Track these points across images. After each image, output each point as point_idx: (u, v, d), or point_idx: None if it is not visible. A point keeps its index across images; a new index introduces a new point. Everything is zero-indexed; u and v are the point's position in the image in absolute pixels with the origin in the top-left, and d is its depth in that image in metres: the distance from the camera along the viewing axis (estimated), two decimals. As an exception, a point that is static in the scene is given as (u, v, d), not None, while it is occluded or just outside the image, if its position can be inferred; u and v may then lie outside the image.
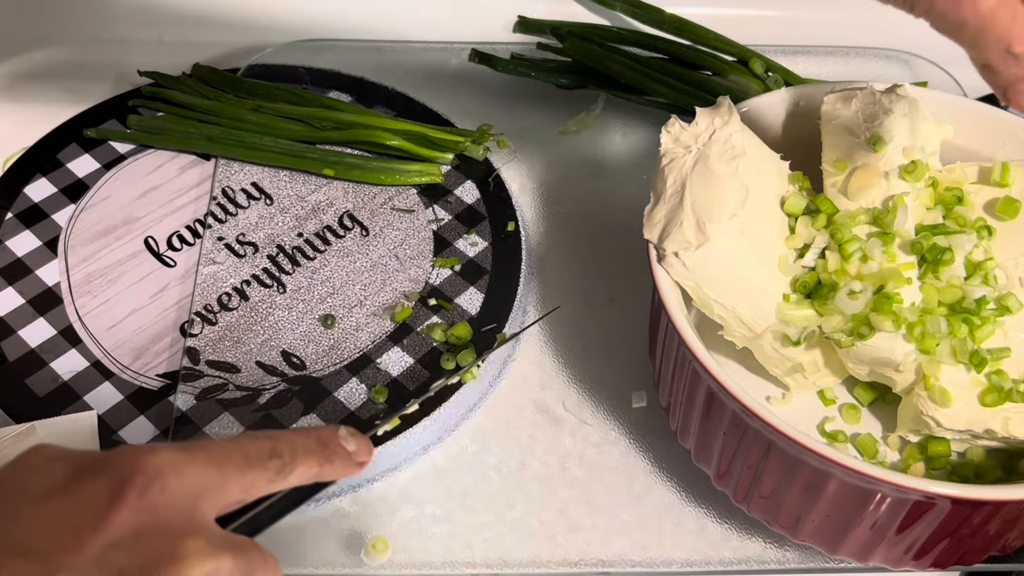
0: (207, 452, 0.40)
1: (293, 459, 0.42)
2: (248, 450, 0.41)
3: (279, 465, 0.42)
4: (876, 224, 0.56)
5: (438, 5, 0.88)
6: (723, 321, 0.54)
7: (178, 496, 0.38)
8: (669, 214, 0.55)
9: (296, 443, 0.43)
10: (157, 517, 0.38)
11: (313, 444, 0.43)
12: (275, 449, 0.42)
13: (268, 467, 0.41)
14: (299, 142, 0.74)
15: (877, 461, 0.56)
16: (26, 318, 0.66)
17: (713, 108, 0.58)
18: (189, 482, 0.39)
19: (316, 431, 0.44)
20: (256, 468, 0.41)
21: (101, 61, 0.83)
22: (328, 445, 0.44)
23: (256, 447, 0.41)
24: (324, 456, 0.44)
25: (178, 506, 0.38)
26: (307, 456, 0.43)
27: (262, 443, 0.42)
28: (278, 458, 0.42)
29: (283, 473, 0.42)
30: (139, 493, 0.37)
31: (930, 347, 0.53)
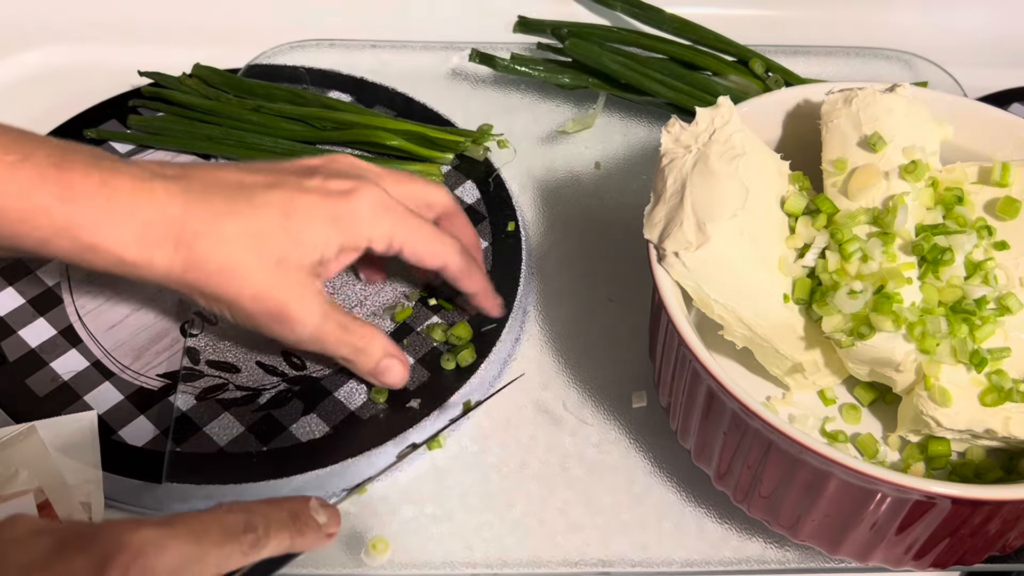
0: (187, 527, 0.42)
1: (267, 532, 0.45)
2: (225, 523, 0.43)
3: (254, 539, 0.44)
4: (876, 224, 0.56)
5: (438, 5, 0.88)
6: (723, 321, 0.55)
7: (158, 573, 0.40)
8: (669, 214, 0.55)
9: (270, 516, 0.45)
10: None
11: (286, 517, 0.46)
12: (250, 522, 0.44)
13: (243, 541, 0.44)
14: (299, 142, 0.74)
15: (877, 461, 0.56)
16: (26, 318, 0.66)
17: (713, 108, 0.58)
18: (169, 558, 0.41)
19: (288, 502, 0.47)
20: (232, 542, 0.43)
21: (101, 61, 0.83)
22: (300, 517, 0.47)
23: (232, 520, 0.44)
24: (296, 529, 0.46)
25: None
26: (280, 529, 0.46)
27: (237, 516, 0.44)
28: (253, 531, 0.44)
29: (257, 546, 0.44)
30: (121, 571, 0.39)
31: (930, 347, 0.53)
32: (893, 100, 0.59)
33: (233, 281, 0.54)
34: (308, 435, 0.60)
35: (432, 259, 0.60)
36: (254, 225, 0.54)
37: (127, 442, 0.60)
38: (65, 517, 0.55)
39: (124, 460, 0.59)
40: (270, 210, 0.55)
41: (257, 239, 0.54)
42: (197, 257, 0.53)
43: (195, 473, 0.58)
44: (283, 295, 0.55)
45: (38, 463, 0.57)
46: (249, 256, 0.54)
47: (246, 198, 0.55)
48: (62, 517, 0.55)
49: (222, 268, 0.53)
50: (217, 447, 0.59)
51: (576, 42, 0.80)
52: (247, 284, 0.54)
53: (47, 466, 0.57)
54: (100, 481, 0.58)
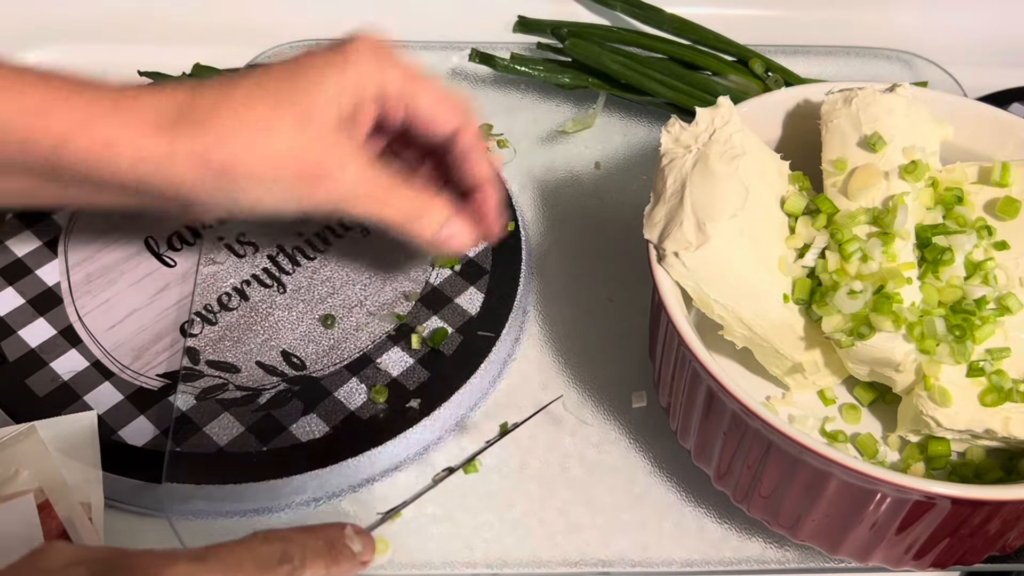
0: (221, 561, 0.41)
1: (303, 563, 0.43)
2: (259, 555, 0.42)
3: (289, 570, 0.43)
4: (876, 224, 0.56)
5: (438, 5, 0.88)
6: (723, 321, 0.55)
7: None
8: (669, 214, 0.55)
9: (306, 545, 0.44)
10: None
11: (322, 546, 0.45)
12: (286, 553, 0.43)
13: (279, 572, 0.42)
14: (299, 142, 0.74)
15: (877, 461, 0.56)
16: (26, 318, 0.66)
17: (713, 108, 0.58)
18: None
19: (324, 531, 0.46)
20: (267, 574, 0.42)
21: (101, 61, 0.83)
22: (335, 546, 0.46)
23: (267, 551, 0.43)
24: (332, 558, 0.45)
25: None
26: (316, 558, 0.44)
27: (273, 547, 0.43)
28: (288, 563, 0.43)
29: (294, 573, 0.43)
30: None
31: (930, 347, 0.53)
32: (893, 100, 0.59)
33: (257, 147, 0.51)
34: (308, 435, 0.60)
35: (445, 116, 0.55)
36: (266, 89, 0.52)
37: (127, 442, 0.60)
38: (65, 517, 0.55)
39: (124, 460, 0.59)
40: (276, 73, 0.53)
41: (273, 100, 0.51)
42: (218, 131, 0.50)
43: (195, 473, 0.58)
44: (312, 152, 0.52)
45: (38, 463, 0.57)
46: (268, 117, 0.51)
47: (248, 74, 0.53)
48: (62, 517, 0.55)
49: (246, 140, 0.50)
50: (217, 447, 0.59)
51: (576, 42, 0.80)
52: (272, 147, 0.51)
53: (47, 466, 0.57)
54: (100, 481, 0.58)
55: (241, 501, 0.58)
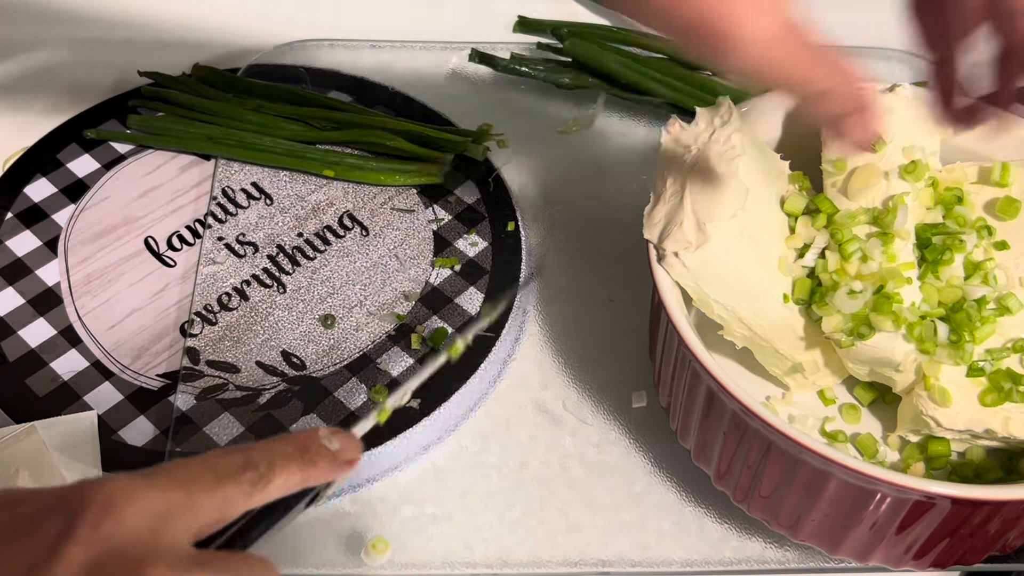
0: (169, 475, 0.38)
1: (270, 468, 0.40)
2: (217, 467, 0.39)
3: (255, 477, 0.40)
4: (876, 224, 0.56)
5: (438, 5, 0.88)
6: (723, 321, 0.54)
7: (135, 524, 0.36)
8: (669, 214, 0.55)
9: (273, 451, 0.41)
10: (113, 548, 0.36)
11: (292, 450, 0.41)
12: (248, 461, 0.40)
13: (242, 480, 0.39)
14: (299, 142, 0.74)
15: (877, 461, 0.56)
16: (26, 318, 0.66)
17: (713, 108, 0.58)
18: (149, 507, 0.37)
19: (295, 436, 0.42)
20: (228, 484, 0.39)
21: (101, 61, 0.83)
22: (309, 449, 0.42)
23: (226, 463, 0.39)
24: (305, 460, 0.41)
25: (136, 534, 0.36)
26: (286, 463, 0.41)
27: (233, 457, 0.40)
28: (252, 469, 0.40)
29: (260, 485, 0.40)
30: (91, 526, 0.36)
31: (930, 347, 0.53)
32: (893, 100, 0.59)
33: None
34: (308, 435, 0.59)
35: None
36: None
37: (127, 442, 0.60)
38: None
39: (124, 460, 0.59)
40: None
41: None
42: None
43: (195, 473, 0.58)
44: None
45: (38, 463, 0.57)
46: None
47: None
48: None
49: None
50: (217, 447, 0.59)
51: (576, 42, 0.80)
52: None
53: (47, 466, 0.57)
54: (100, 481, 0.58)
55: (241, 501, 0.58)
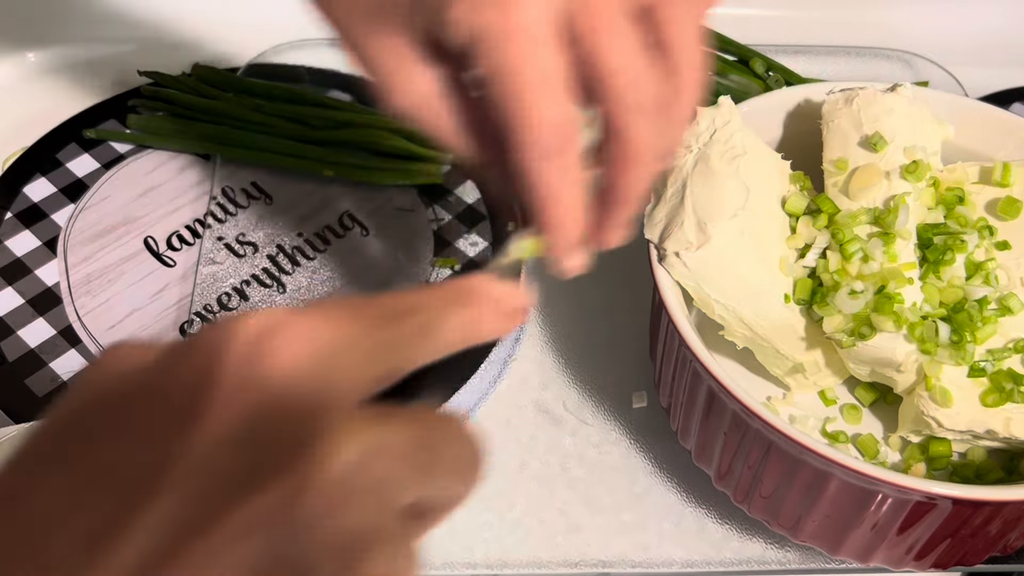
0: (328, 307, 0.28)
1: (438, 314, 0.30)
2: (380, 304, 0.29)
3: (422, 320, 0.30)
4: (877, 224, 0.56)
5: (438, 5, 0.88)
6: (724, 321, 0.54)
7: (300, 359, 0.26)
8: (670, 214, 0.54)
9: (433, 295, 0.31)
10: (272, 391, 0.26)
11: (452, 294, 0.32)
12: (412, 303, 0.30)
13: (408, 323, 0.30)
14: (299, 142, 0.74)
15: (878, 462, 0.56)
16: (25, 318, 0.66)
17: (714, 108, 0.58)
18: (315, 337, 0.27)
19: (453, 283, 0.32)
20: (394, 324, 0.29)
21: (101, 61, 0.83)
22: (470, 293, 0.32)
23: (388, 302, 0.30)
24: (469, 306, 0.32)
25: (302, 371, 0.26)
26: (449, 307, 0.31)
27: (394, 298, 0.30)
28: (419, 312, 0.30)
29: (428, 332, 0.30)
30: (240, 363, 0.26)
31: (931, 348, 0.53)
32: (894, 100, 0.59)
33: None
34: (308, 435, 0.59)
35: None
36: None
37: (127, 442, 0.60)
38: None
39: (124, 460, 0.59)
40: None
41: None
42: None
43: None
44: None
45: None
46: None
47: None
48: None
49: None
50: (217, 447, 0.59)
51: (576, 42, 0.79)
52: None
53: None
54: (99, 481, 0.57)
55: (241, 501, 0.58)
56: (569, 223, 0.41)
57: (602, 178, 0.42)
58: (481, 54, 0.37)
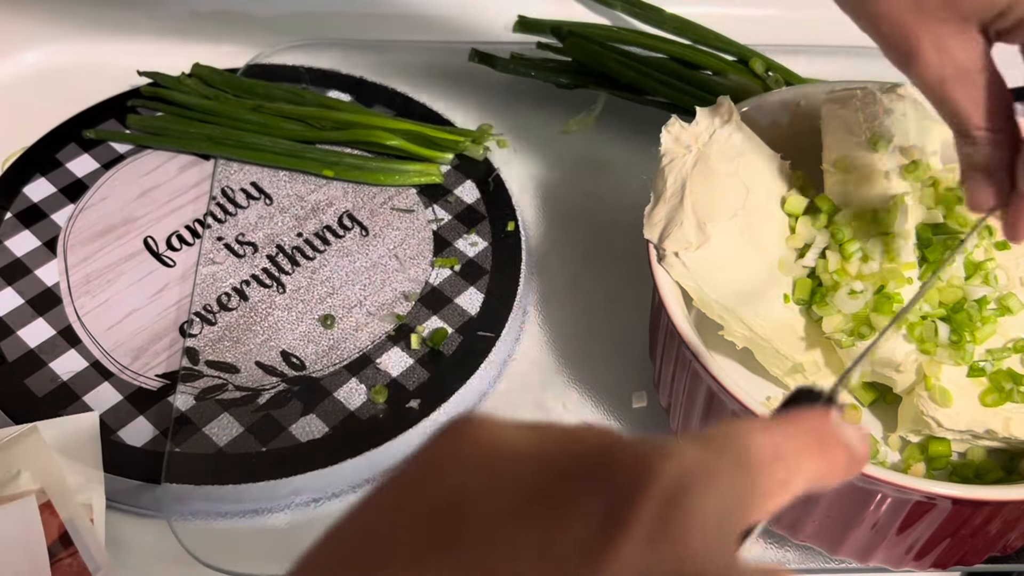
0: (731, 449, 0.28)
1: (798, 461, 0.30)
2: (756, 445, 0.29)
3: (784, 471, 0.29)
4: (877, 224, 0.56)
5: (438, 5, 0.88)
6: (723, 321, 0.54)
7: (712, 521, 0.26)
8: (669, 214, 0.55)
9: (794, 438, 0.30)
10: (680, 556, 0.25)
11: (810, 442, 0.31)
12: (778, 448, 0.29)
13: (775, 473, 0.29)
14: (299, 142, 0.74)
15: (878, 461, 0.56)
16: (25, 318, 0.66)
17: (713, 108, 0.58)
18: (722, 496, 0.26)
19: (807, 421, 0.31)
20: (766, 474, 0.28)
21: (101, 61, 0.83)
22: (824, 440, 0.31)
23: (757, 447, 0.29)
24: (823, 456, 0.31)
25: (707, 536, 0.25)
26: (807, 458, 0.30)
27: (761, 441, 0.29)
28: (783, 460, 0.29)
29: (788, 484, 0.29)
30: (652, 518, 0.25)
31: (931, 348, 0.53)
32: (893, 100, 0.59)
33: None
34: (308, 435, 0.59)
35: None
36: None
37: (126, 442, 0.60)
38: (67, 519, 0.55)
39: (123, 460, 0.59)
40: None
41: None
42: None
43: (194, 474, 0.58)
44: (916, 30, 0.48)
45: (39, 464, 0.57)
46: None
47: None
48: (64, 518, 0.55)
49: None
50: (216, 447, 0.59)
51: (576, 42, 0.80)
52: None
53: (48, 467, 0.57)
54: (102, 482, 0.57)
55: (240, 502, 0.58)
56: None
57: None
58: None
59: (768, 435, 0.29)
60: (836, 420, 0.32)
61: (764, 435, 0.29)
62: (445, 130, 0.74)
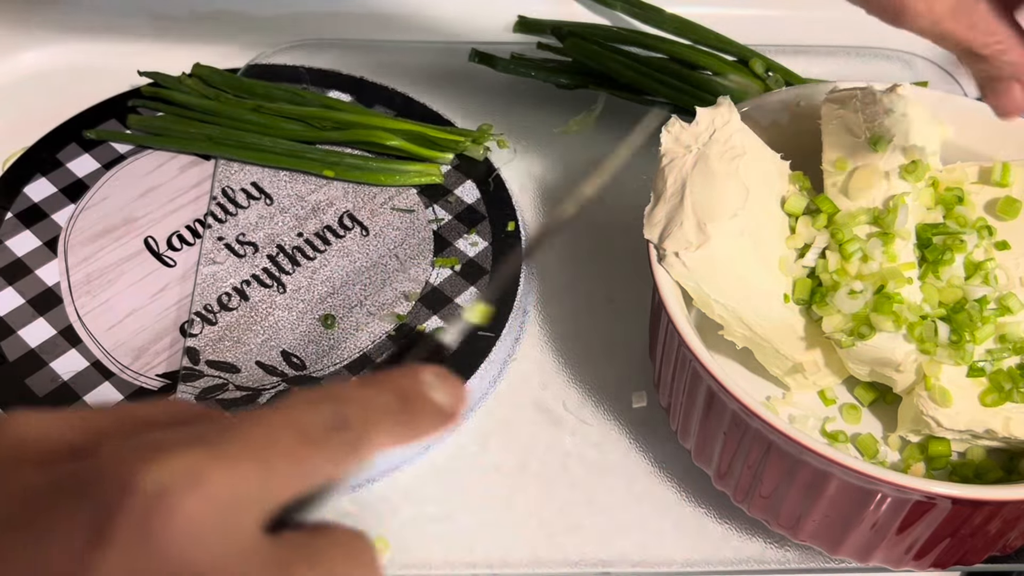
0: (244, 443, 0.28)
1: (366, 427, 0.30)
2: (304, 424, 0.29)
3: (351, 439, 0.30)
4: (876, 224, 0.56)
5: (438, 5, 0.88)
6: (723, 321, 0.54)
7: (197, 522, 0.26)
8: (669, 214, 0.55)
9: (370, 404, 0.31)
10: (165, 556, 0.26)
11: (392, 401, 0.32)
12: (341, 417, 0.30)
13: (332, 445, 0.29)
14: (299, 142, 0.74)
15: (877, 461, 0.56)
16: (26, 318, 0.66)
17: (713, 108, 0.58)
18: (216, 495, 0.27)
19: (394, 381, 0.32)
20: (316, 449, 0.29)
21: (101, 61, 0.83)
22: (410, 400, 0.32)
23: (313, 419, 0.29)
24: (407, 416, 0.32)
25: (198, 535, 0.26)
26: (385, 420, 0.31)
27: (322, 411, 0.30)
28: (345, 429, 0.30)
29: (355, 449, 0.30)
30: (136, 527, 0.25)
31: (931, 347, 0.53)
32: (894, 100, 0.59)
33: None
34: (308, 435, 0.59)
35: None
36: None
37: (127, 442, 0.60)
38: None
39: (124, 460, 0.59)
40: None
41: None
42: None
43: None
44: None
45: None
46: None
47: None
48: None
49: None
50: (217, 447, 0.59)
51: (576, 42, 0.80)
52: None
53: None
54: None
55: (241, 501, 0.58)
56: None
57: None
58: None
59: (325, 403, 0.30)
60: (426, 378, 0.33)
61: (313, 407, 0.30)
62: (445, 130, 0.74)
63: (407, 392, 0.32)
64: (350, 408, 0.31)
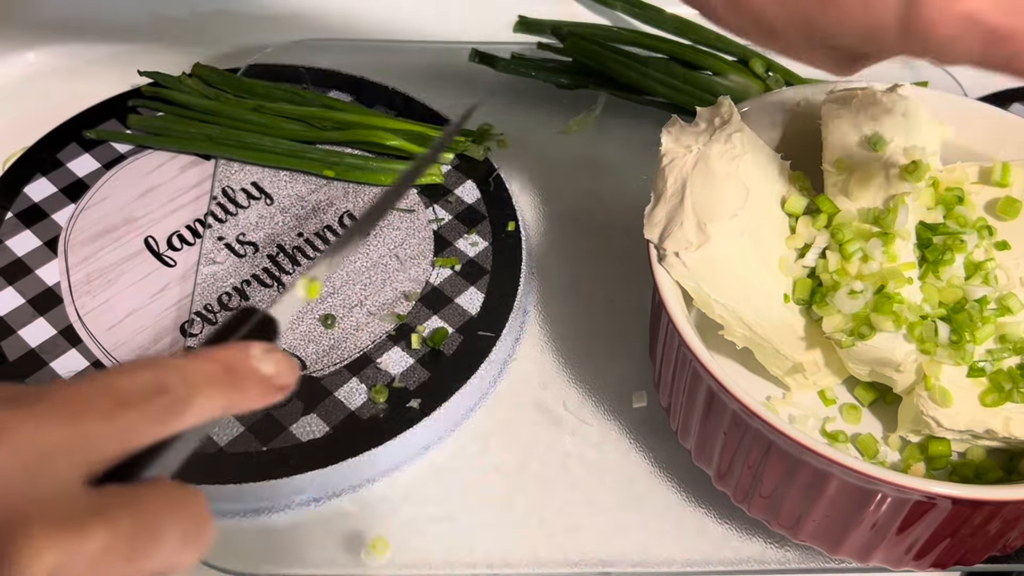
0: (52, 403, 0.31)
1: (189, 392, 0.33)
2: (119, 389, 0.32)
3: (168, 402, 0.32)
4: (877, 224, 0.56)
5: (438, 5, 0.88)
6: (724, 321, 0.54)
7: (5, 468, 0.29)
8: (670, 214, 0.55)
9: (193, 371, 0.33)
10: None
11: (216, 370, 0.34)
12: (161, 382, 0.32)
13: (151, 406, 0.32)
14: (299, 142, 0.74)
15: (878, 461, 0.56)
16: (26, 318, 0.66)
17: (714, 108, 0.58)
18: (23, 445, 0.29)
19: (220, 352, 0.35)
20: (131, 410, 0.31)
21: (101, 61, 0.83)
22: (236, 370, 0.35)
23: (130, 384, 0.32)
24: (232, 384, 0.34)
25: (7, 482, 0.29)
26: (208, 386, 0.34)
27: (141, 377, 0.32)
28: (165, 394, 0.32)
29: (174, 412, 0.32)
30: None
31: (931, 347, 0.53)
32: (894, 100, 0.59)
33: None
34: (308, 435, 0.59)
35: None
36: None
37: (127, 442, 0.60)
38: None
39: (124, 460, 0.59)
40: None
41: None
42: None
43: (195, 473, 0.57)
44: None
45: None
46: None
47: None
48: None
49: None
50: (217, 447, 0.59)
51: (576, 42, 0.80)
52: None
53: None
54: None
55: (241, 501, 0.58)
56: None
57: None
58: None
59: (144, 371, 0.32)
60: (254, 352, 0.35)
61: (131, 374, 0.32)
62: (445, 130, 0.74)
63: (232, 363, 0.35)
64: (170, 374, 0.33)
